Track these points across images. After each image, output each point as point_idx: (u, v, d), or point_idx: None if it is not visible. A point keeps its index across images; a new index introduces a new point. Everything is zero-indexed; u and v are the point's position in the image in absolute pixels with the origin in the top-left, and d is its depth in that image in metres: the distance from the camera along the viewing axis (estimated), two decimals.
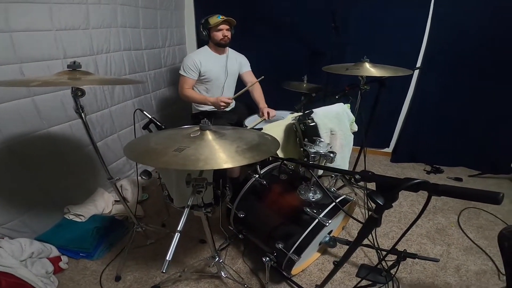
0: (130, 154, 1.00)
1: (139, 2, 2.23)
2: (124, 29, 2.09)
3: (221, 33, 1.98)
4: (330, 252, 1.74)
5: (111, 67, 2.02)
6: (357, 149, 2.19)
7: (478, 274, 1.60)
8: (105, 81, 1.31)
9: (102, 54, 1.94)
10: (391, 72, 1.69)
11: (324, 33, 2.30)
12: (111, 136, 2.11)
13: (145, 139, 1.12)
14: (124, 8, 2.06)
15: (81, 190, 1.93)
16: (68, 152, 1.79)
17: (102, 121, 2.01)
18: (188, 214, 0.93)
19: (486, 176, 2.66)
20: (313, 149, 1.23)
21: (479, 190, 0.63)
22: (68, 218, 1.77)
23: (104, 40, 1.93)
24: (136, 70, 2.29)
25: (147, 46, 2.38)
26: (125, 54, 2.14)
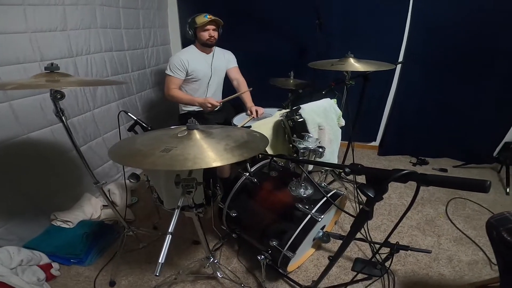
0: (116, 157, 0.97)
1: (120, 3, 2.18)
2: (104, 30, 2.04)
3: (207, 33, 1.95)
4: (325, 248, 1.75)
5: (92, 69, 1.96)
6: (345, 144, 2.22)
7: (470, 264, 1.64)
8: (86, 82, 1.26)
9: (82, 56, 1.88)
10: (374, 67, 1.71)
11: (309, 29, 2.31)
12: (95, 140, 2.06)
13: (131, 141, 1.09)
14: (103, 8, 2.01)
15: (67, 196, 1.88)
16: (51, 157, 1.73)
17: (85, 124, 1.95)
18: (179, 215, 0.91)
19: (470, 166, 2.75)
20: (302, 145, 1.23)
21: (467, 179, 0.64)
22: (56, 224, 1.73)
23: (83, 41, 1.87)
24: (118, 72, 2.23)
25: (129, 46, 2.33)
26: (107, 55, 2.09)
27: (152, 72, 2.69)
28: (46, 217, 1.75)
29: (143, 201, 2.18)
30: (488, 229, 1.08)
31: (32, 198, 1.65)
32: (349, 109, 1.98)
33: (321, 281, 1.25)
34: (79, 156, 1.30)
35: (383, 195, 0.80)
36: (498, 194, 2.34)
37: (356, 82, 1.94)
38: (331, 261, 1.09)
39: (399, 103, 2.77)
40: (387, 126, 2.94)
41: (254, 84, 2.24)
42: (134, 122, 1.39)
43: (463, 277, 1.55)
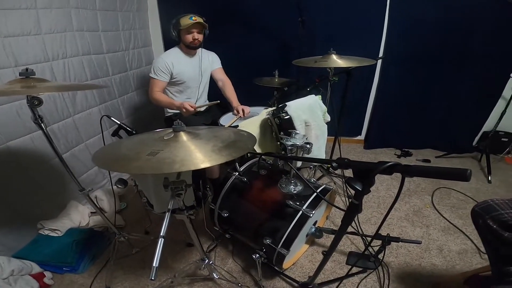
0: (100, 162, 0.94)
1: (97, 5, 2.11)
2: (81, 33, 1.98)
3: (191, 36, 1.91)
4: (318, 243, 1.76)
5: (69, 73, 1.90)
6: (331, 139, 2.25)
7: (460, 253, 1.68)
8: (64, 87, 1.21)
9: (58, 60, 1.82)
10: (356, 63, 1.75)
11: (292, 27, 2.33)
12: (78, 146, 2.00)
13: (115, 146, 1.06)
14: (79, 11, 1.95)
15: (53, 204, 1.82)
16: (33, 166, 1.68)
17: (66, 131, 1.89)
18: (170, 218, 0.90)
19: (451, 156, 2.85)
20: (290, 142, 1.24)
21: (449, 168, 0.65)
22: (44, 233, 1.69)
23: (59, 45, 1.81)
24: (98, 75, 2.17)
25: (109, 49, 2.27)
26: (85, 59, 2.02)
27: (134, 75, 2.63)
28: (32, 227, 1.70)
29: (132, 206, 2.14)
30: (473, 218, 1.09)
31: (17, 208, 1.60)
32: (333, 104, 2.01)
33: (317, 276, 1.26)
34: (62, 164, 1.26)
35: (370, 188, 0.81)
36: (480, 182, 2.43)
37: (340, 78, 1.98)
38: (325, 256, 1.10)
39: (381, 97, 2.84)
40: (371, 120, 3.01)
41: (240, 83, 2.24)
42: (118, 126, 1.35)
43: (455, 267, 1.59)
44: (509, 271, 1.02)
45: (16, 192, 1.59)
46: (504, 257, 1.03)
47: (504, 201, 1.03)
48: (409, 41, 2.54)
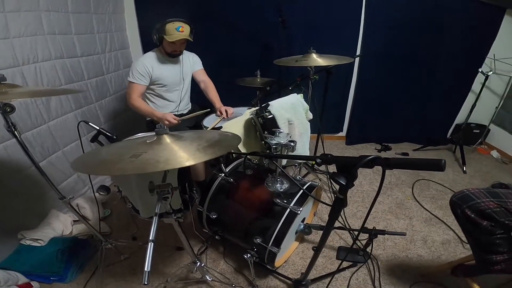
0: (80, 167, 0.91)
1: (69, 8, 2.03)
2: (53, 36, 1.90)
3: (172, 47, 1.87)
4: (308, 240, 1.79)
5: (42, 78, 1.81)
6: (314, 136, 2.29)
7: (444, 244, 1.75)
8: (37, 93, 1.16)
9: (29, 65, 1.73)
10: (335, 61, 1.79)
11: (272, 27, 2.36)
12: (54, 154, 1.91)
13: (95, 152, 1.03)
14: (50, 14, 1.87)
15: (33, 214, 1.76)
16: (8, 176, 1.60)
17: (41, 139, 1.80)
18: (158, 222, 0.89)
19: (428, 148, 2.98)
20: (274, 141, 1.25)
21: (425, 159, 0.68)
22: (25, 243, 1.62)
23: (29, 49, 1.73)
24: (73, 80, 2.08)
25: (83, 53, 2.19)
26: (58, 63, 1.94)
27: (111, 79, 2.55)
28: (13, 237, 1.63)
29: (117, 212, 2.08)
30: (452, 208, 1.12)
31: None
32: (315, 102, 2.05)
33: (309, 272, 1.27)
34: (40, 172, 1.21)
35: (354, 182, 0.83)
36: (456, 173, 2.55)
37: (320, 76, 2.01)
38: (315, 252, 1.11)
39: (360, 94, 2.92)
40: (352, 117, 3.09)
41: (222, 85, 2.22)
42: (97, 132, 1.31)
43: (440, 257, 1.66)
44: (492, 260, 1.06)
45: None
46: (485, 245, 1.07)
47: (479, 190, 1.06)
48: (384, 39, 2.63)
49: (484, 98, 2.65)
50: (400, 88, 2.86)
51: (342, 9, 2.56)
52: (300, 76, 1.99)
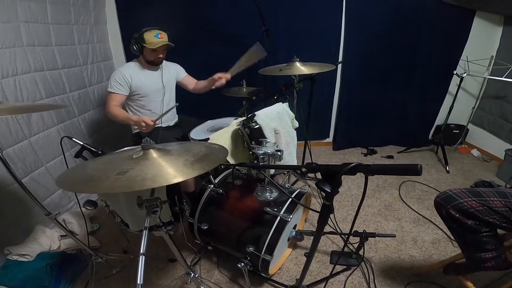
0: (65, 185, 0.90)
1: (49, 19, 1.99)
2: (32, 48, 1.85)
3: (155, 54, 1.87)
4: (300, 246, 1.80)
5: (21, 91, 1.76)
6: (301, 144, 2.31)
7: (434, 243, 1.79)
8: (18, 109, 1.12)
9: (8, 78, 1.68)
10: (318, 69, 1.84)
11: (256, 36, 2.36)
12: (37, 170, 1.85)
13: (80, 168, 1.01)
14: (29, 25, 1.83)
15: (18, 230, 1.70)
16: None
17: (23, 155, 1.74)
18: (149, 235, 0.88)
19: (411, 150, 3.06)
20: (261, 151, 1.27)
21: (402, 165, 0.71)
22: (12, 259, 1.57)
23: (8, 61, 1.68)
24: (54, 93, 2.03)
25: (64, 65, 2.14)
26: (38, 75, 1.89)
27: (94, 91, 2.49)
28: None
29: (105, 226, 2.04)
30: (436, 208, 1.15)
31: None
32: (301, 110, 2.08)
33: (303, 278, 1.27)
34: (23, 189, 1.19)
35: (338, 188, 0.85)
36: (439, 173, 2.63)
37: (304, 84, 2.05)
38: (308, 258, 1.12)
39: (344, 100, 2.99)
40: (337, 123, 3.14)
41: (208, 95, 2.22)
42: (81, 147, 1.28)
43: (432, 256, 1.69)
44: (482, 257, 1.08)
45: None
46: (473, 243, 1.09)
47: (461, 191, 1.09)
48: (364, 45, 2.71)
49: (460, 99, 2.77)
50: (382, 93, 2.94)
51: (323, 17, 2.62)
52: (284, 85, 2.02)
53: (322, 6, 2.58)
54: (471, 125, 3.09)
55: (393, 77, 2.88)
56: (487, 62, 2.71)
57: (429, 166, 2.78)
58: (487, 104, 2.88)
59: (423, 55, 2.77)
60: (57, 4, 2.06)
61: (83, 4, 2.34)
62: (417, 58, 2.79)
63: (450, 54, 2.81)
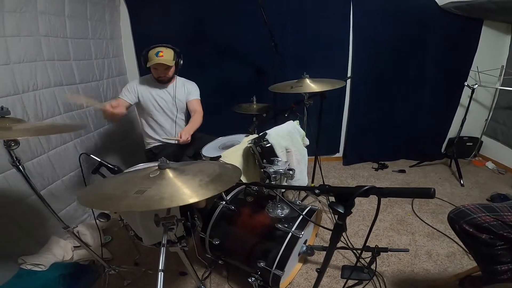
0: (87, 202, 0.94)
1: (68, 33, 2.05)
2: (52, 62, 1.90)
3: (156, 73, 1.93)
4: (311, 260, 1.79)
5: (41, 107, 1.80)
6: (312, 159, 2.29)
7: (449, 256, 1.76)
8: (41, 130, 1.17)
9: (29, 92, 1.73)
10: (329, 86, 1.84)
11: (265, 52, 2.41)
12: (54, 183, 1.90)
13: (100, 185, 1.04)
14: (49, 39, 1.87)
15: (33, 241, 1.73)
16: (7, 205, 1.58)
17: (41, 168, 1.80)
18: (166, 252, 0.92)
19: (424, 164, 3.01)
20: (273, 169, 1.29)
21: (415, 188, 0.76)
22: (26, 268, 1.59)
23: (29, 76, 1.73)
24: (72, 108, 2.08)
25: (82, 79, 2.19)
26: (57, 90, 1.94)
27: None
28: (13, 262, 1.59)
29: (117, 239, 2.07)
30: (450, 223, 1.17)
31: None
32: (311, 126, 2.09)
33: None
34: (43, 203, 1.22)
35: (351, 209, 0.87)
36: (454, 186, 2.58)
37: (314, 100, 2.06)
38: (319, 273, 1.13)
39: (354, 115, 2.99)
40: (347, 138, 3.13)
41: (219, 111, 2.27)
42: (99, 163, 1.33)
43: (447, 270, 1.66)
44: (498, 270, 1.09)
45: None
46: (488, 256, 1.10)
47: (475, 206, 1.11)
48: (373, 59, 2.73)
49: (473, 111, 2.74)
50: (391, 106, 2.94)
51: (331, 32, 2.66)
52: (295, 102, 2.04)
53: (329, 21, 2.63)
54: (485, 137, 3.04)
55: (403, 90, 2.88)
56: (498, 72, 2.69)
57: (442, 179, 2.73)
58: (501, 115, 2.84)
59: (432, 67, 2.77)
60: (75, 18, 2.11)
61: (100, 18, 2.40)
62: (427, 71, 2.79)
63: (460, 65, 2.80)
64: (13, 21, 1.62)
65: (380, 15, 2.60)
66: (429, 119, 2.99)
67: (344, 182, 2.75)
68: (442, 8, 2.56)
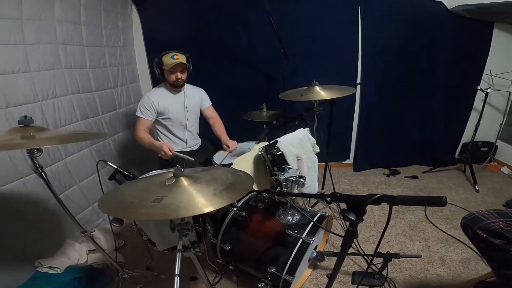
0: (107, 209, 0.97)
1: (84, 41, 2.10)
2: (69, 70, 1.95)
3: (174, 75, 1.93)
4: (321, 266, 1.79)
5: (59, 114, 1.86)
6: (322, 165, 2.29)
7: (463, 262, 1.73)
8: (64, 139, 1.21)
9: (48, 100, 1.78)
10: (339, 93, 1.84)
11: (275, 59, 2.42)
12: (71, 189, 1.96)
13: (118, 192, 1.08)
14: (66, 47, 1.92)
15: (49, 244, 1.78)
16: (26, 209, 1.64)
17: (59, 174, 1.86)
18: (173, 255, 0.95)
19: (437, 170, 2.96)
20: (284, 177, 1.30)
21: (427, 197, 0.77)
22: (42, 271, 1.64)
23: (48, 84, 1.78)
24: (88, 115, 2.13)
25: (97, 87, 2.24)
26: (74, 98, 1.99)
27: (123, 113, 2.60)
28: (30, 265, 1.64)
29: (130, 243, 2.11)
30: (463, 229, 1.18)
31: (13, 248, 1.56)
32: (321, 133, 2.08)
33: None
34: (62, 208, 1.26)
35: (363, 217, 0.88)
36: (468, 192, 2.54)
37: (324, 106, 2.05)
38: (330, 279, 1.13)
39: (364, 121, 2.96)
40: (358, 144, 3.10)
41: (229, 118, 2.28)
42: (115, 170, 1.37)
43: (461, 275, 1.64)
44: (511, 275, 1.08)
45: (12, 233, 1.55)
46: (502, 261, 1.09)
47: (488, 212, 1.12)
48: (382, 64, 2.71)
49: (487, 115, 2.69)
50: (403, 112, 2.91)
51: (340, 38, 2.66)
52: (305, 110, 2.04)
53: (337, 27, 2.63)
54: (500, 142, 2.98)
55: (414, 96, 2.85)
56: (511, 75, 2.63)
57: (456, 185, 2.69)
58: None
59: (443, 71, 2.74)
60: (91, 26, 2.16)
61: (113, 26, 2.45)
62: (438, 75, 2.76)
63: (472, 69, 2.76)
64: (32, 29, 1.66)
65: (389, 20, 2.59)
66: (442, 124, 2.95)
67: (354, 188, 2.73)
68: (452, 12, 2.54)
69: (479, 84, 2.66)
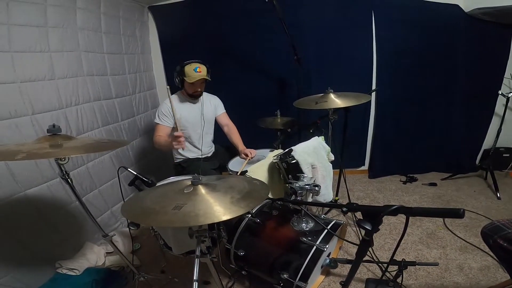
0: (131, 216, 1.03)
1: (104, 48, 2.17)
2: (91, 77, 2.01)
3: (194, 88, 1.96)
4: (333, 273, 1.77)
5: (82, 120, 1.93)
6: (336, 172, 2.25)
7: (482, 270, 1.68)
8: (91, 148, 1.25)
9: (71, 107, 1.85)
10: (354, 101, 1.81)
11: (289, 65, 2.43)
12: (92, 192, 2.04)
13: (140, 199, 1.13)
14: (88, 55, 1.99)
15: (69, 246, 1.85)
16: (49, 212, 1.71)
17: (81, 179, 1.94)
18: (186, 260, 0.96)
19: (456, 177, 2.87)
20: (299, 185, 1.32)
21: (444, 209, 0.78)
22: (61, 272, 1.70)
23: (72, 91, 1.84)
24: (109, 122, 2.21)
25: (117, 94, 2.31)
26: (96, 105, 2.06)
27: (141, 119, 2.67)
28: (50, 266, 1.71)
29: (146, 246, 2.15)
30: (484, 238, 1.18)
31: (35, 249, 1.63)
32: (335, 140, 2.06)
33: None
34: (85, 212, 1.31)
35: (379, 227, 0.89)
36: (489, 199, 2.45)
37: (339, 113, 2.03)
38: (343, 286, 1.14)
39: (380, 127, 2.92)
40: (373, 150, 3.05)
41: (244, 125, 2.30)
42: (135, 176, 1.42)
43: (479, 283, 1.59)
44: None
45: (35, 234, 1.63)
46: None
47: (509, 221, 1.12)
48: (398, 70, 2.67)
49: (509, 120, 2.60)
50: (420, 118, 2.85)
51: (354, 44, 2.65)
52: (319, 117, 2.03)
53: (351, 32, 2.62)
54: None
55: (432, 101, 2.78)
56: None
57: (477, 193, 2.60)
58: None
59: (462, 75, 2.66)
60: (110, 34, 2.24)
61: (131, 34, 2.54)
62: (456, 79, 2.69)
63: (492, 73, 2.67)
64: (56, 36, 1.74)
65: (403, 25, 2.55)
66: (462, 130, 2.86)
67: (369, 195, 2.69)
68: (469, 15, 2.48)
69: (500, 89, 2.58)
